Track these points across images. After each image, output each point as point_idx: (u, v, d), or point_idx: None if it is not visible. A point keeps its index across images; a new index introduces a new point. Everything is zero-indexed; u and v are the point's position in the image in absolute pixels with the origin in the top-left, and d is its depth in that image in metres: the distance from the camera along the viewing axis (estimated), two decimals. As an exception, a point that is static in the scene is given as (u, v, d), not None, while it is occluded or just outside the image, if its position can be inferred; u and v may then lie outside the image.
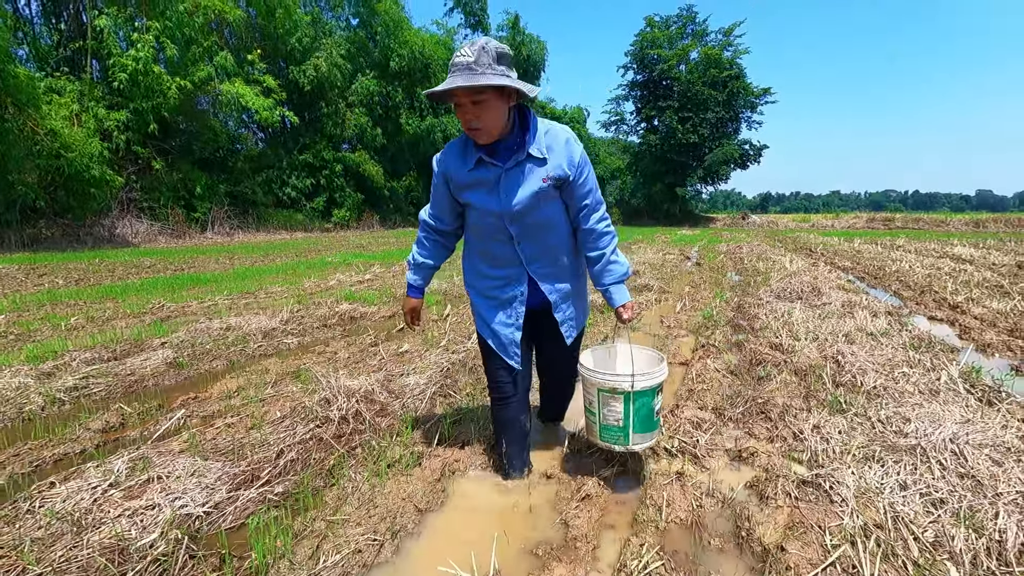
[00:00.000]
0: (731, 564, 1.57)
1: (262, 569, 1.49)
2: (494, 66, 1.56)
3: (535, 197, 1.73)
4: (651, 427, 1.89)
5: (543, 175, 1.72)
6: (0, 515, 1.72)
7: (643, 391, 1.81)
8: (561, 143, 1.73)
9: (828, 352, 3.53)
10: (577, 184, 1.77)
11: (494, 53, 1.56)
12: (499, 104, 1.61)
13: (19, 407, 2.71)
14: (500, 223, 1.79)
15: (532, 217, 1.78)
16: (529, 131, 1.71)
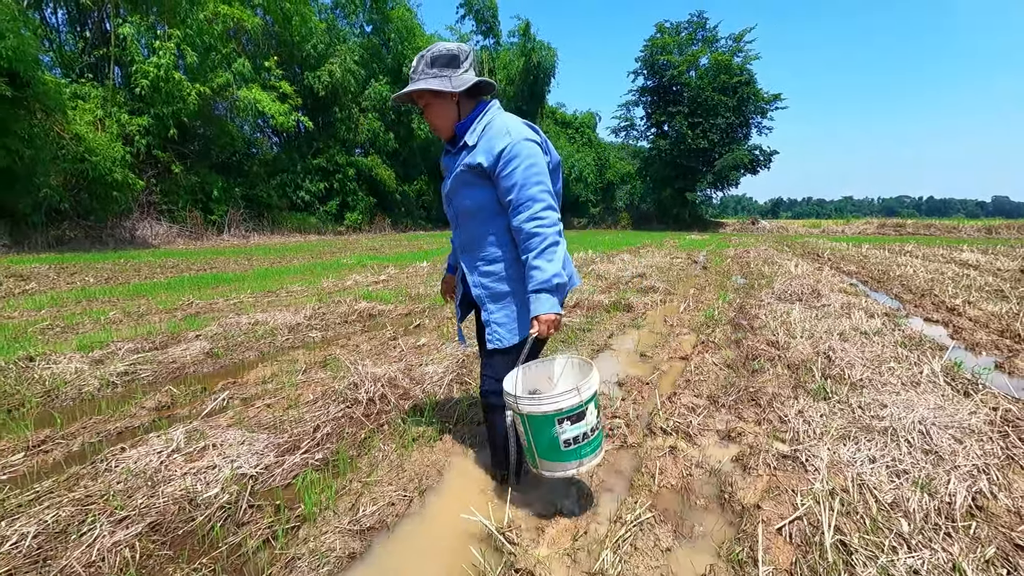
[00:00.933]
0: (713, 518, 1.81)
1: (311, 516, 1.75)
2: (426, 71, 1.70)
3: (456, 181, 1.79)
4: (560, 457, 1.64)
5: (466, 160, 1.75)
6: (83, 472, 2.00)
7: (535, 416, 1.61)
8: (492, 134, 1.71)
9: (820, 348, 3.75)
10: (500, 177, 1.69)
11: (429, 58, 1.70)
12: (439, 104, 1.74)
13: (79, 388, 3.01)
14: (445, 204, 1.94)
15: (458, 202, 1.82)
16: (469, 120, 1.77)
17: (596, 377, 1.69)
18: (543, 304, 1.65)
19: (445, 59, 1.70)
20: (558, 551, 1.60)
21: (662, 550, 1.61)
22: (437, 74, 1.70)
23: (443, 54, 1.71)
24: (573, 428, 1.61)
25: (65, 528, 1.65)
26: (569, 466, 1.65)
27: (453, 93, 1.72)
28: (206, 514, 1.75)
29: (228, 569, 1.53)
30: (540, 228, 1.65)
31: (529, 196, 1.66)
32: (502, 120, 1.74)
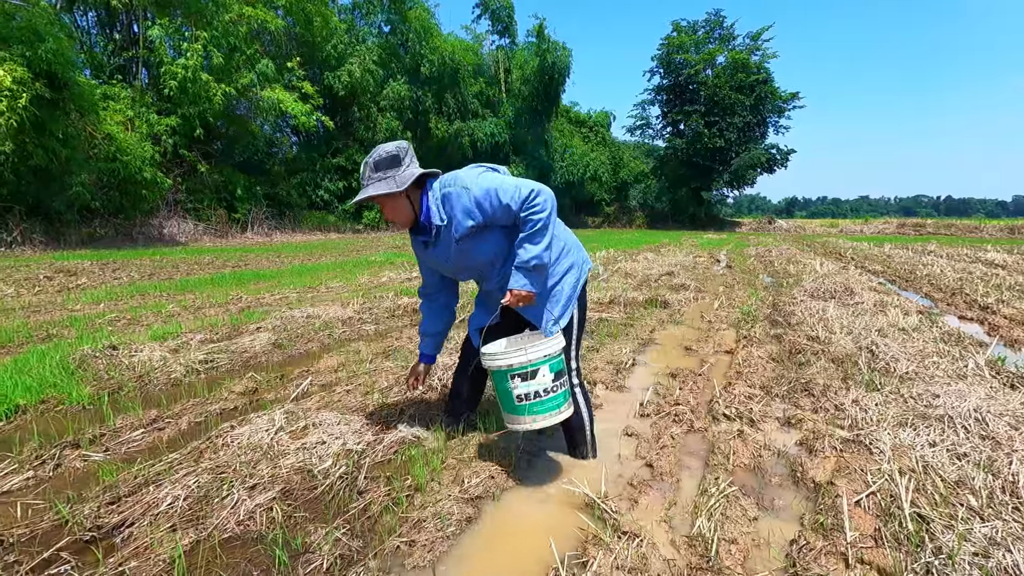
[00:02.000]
0: (789, 494, 1.96)
1: (422, 487, 1.93)
2: (372, 176, 1.87)
3: (458, 253, 1.97)
4: (514, 410, 1.90)
5: (454, 231, 1.92)
6: (204, 447, 2.19)
7: (492, 370, 1.90)
8: (455, 201, 1.89)
9: (863, 344, 3.87)
10: (494, 215, 1.88)
11: (372, 164, 1.87)
12: (392, 202, 1.92)
13: (168, 374, 3.22)
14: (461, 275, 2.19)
15: (472, 266, 2.03)
16: (426, 207, 1.96)
17: (550, 344, 1.88)
18: (517, 280, 1.87)
19: (387, 161, 1.86)
20: (655, 518, 1.76)
21: (749, 519, 1.76)
22: (382, 177, 1.86)
23: (384, 157, 1.87)
24: (524, 385, 1.85)
25: (207, 493, 1.84)
26: (523, 420, 1.89)
27: (400, 192, 1.87)
28: (327, 483, 1.93)
29: (362, 528, 1.71)
30: (532, 215, 1.84)
31: (522, 197, 1.83)
32: (452, 188, 1.91)
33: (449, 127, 29.73)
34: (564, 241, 2.07)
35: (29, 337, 4.09)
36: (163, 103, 17.96)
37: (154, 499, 1.80)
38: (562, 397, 1.93)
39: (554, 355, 1.89)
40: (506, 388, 1.88)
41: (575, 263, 2.07)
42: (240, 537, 1.65)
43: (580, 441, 2.18)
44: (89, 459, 2.16)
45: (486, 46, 34.49)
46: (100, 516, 1.73)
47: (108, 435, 2.36)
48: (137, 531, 1.66)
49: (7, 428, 2.47)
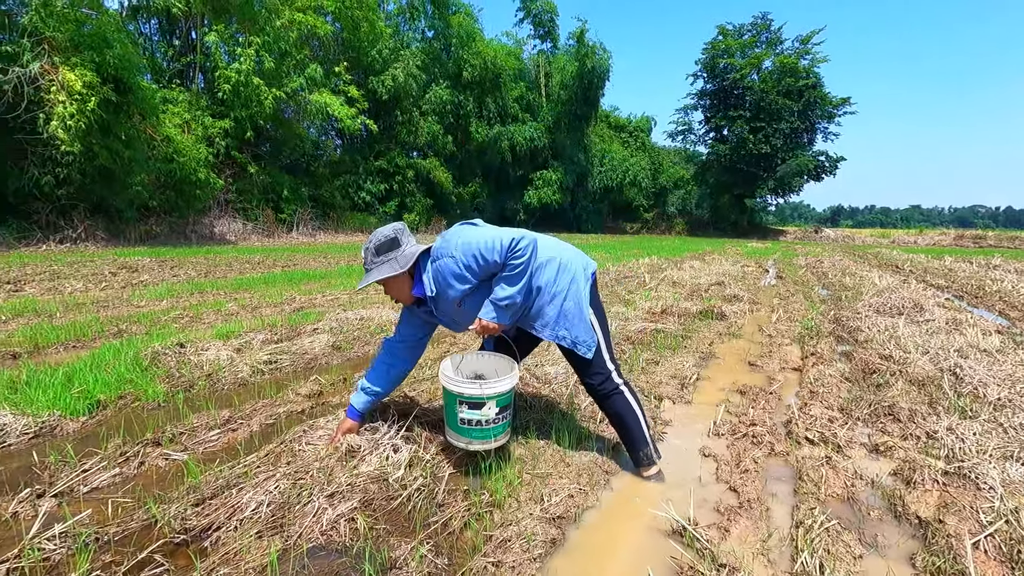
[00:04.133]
0: (892, 529, 1.83)
1: (500, 503, 1.88)
2: (374, 260, 1.98)
3: (458, 315, 2.07)
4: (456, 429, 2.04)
5: (450, 299, 2.01)
6: (280, 451, 2.20)
7: (445, 389, 2.02)
8: (439, 278, 1.99)
9: (943, 365, 3.64)
10: (480, 274, 1.95)
11: (373, 249, 1.97)
12: (394, 283, 2.04)
13: (235, 374, 3.28)
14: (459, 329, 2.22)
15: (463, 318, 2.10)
16: (419, 285, 2.05)
17: (504, 383, 1.99)
18: (488, 312, 1.96)
19: (387, 245, 1.97)
20: (751, 550, 1.66)
21: (854, 556, 1.64)
22: (385, 260, 1.97)
23: (383, 241, 1.98)
24: (470, 412, 1.98)
25: (287, 499, 1.83)
26: (460, 439, 2.04)
27: (403, 272, 1.99)
28: (405, 494, 1.90)
29: (446, 544, 1.67)
30: (512, 260, 1.90)
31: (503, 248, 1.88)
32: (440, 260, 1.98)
33: (489, 131, 29.91)
34: (558, 259, 2.10)
35: (101, 332, 4.25)
36: (217, 106, 18.63)
37: (237, 503, 1.80)
38: (501, 428, 2.05)
39: (504, 393, 2.00)
40: (453, 409, 2.01)
41: (574, 276, 2.10)
42: (325, 547, 1.64)
43: (638, 439, 2.13)
44: (170, 458, 2.20)
45: (527, 51, 34.61)
46: (187, 518, 1.74)
47: (186, 434, 2.40)
48: (224, 536, 1.67)
49: (90, 423, 2.55)
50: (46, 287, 6.50)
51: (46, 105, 12.14)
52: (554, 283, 2.06)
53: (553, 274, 2.06)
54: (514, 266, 1.91)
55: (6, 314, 4.77)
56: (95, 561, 1.53)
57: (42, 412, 2.50)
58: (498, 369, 2.22)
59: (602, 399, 2.16)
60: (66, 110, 11.96)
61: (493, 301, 1.94)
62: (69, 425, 2.49)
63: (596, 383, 2.13)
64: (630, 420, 2.13)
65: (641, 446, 2.13)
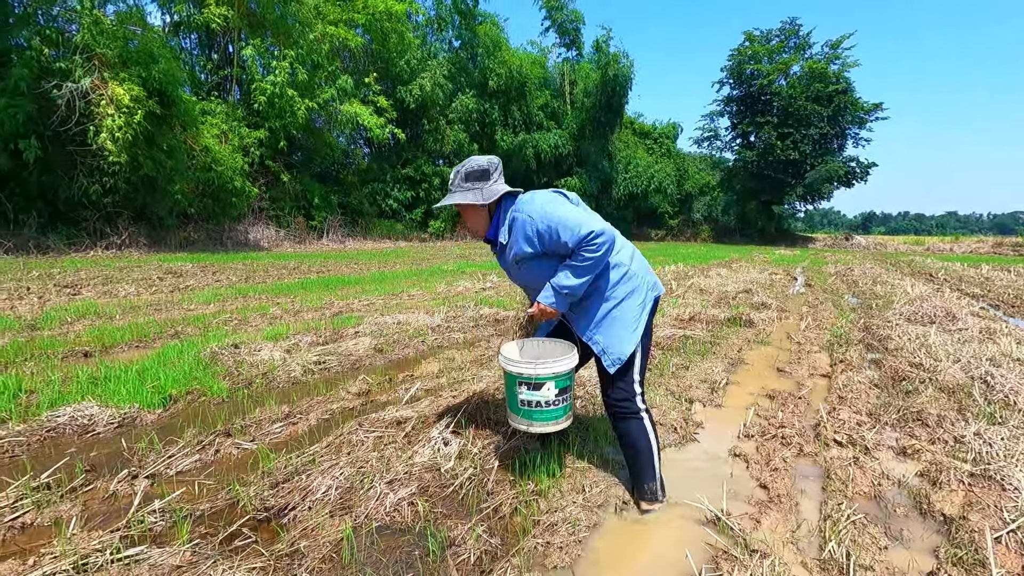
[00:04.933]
0: (917, 525, 1.93)
1: (544, 492, 2.04)
2: (461, 184, 1.97)
3: (518, 268, 2.06)
4: (516, 411, 2.03)
5: (512, 253, 2.02)
6: (340, 441, 2.40)
7: (505, 372, 2.02)
8: (518, 227, 1.97)
9: (974, 373, 3.67)
10: (550, 245, 1.92)
11: (464, 173, 1.97)
12: (472, 212, 2.04)
13: (288, 373, 3.51)
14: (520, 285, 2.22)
15: (529, 282, 2.09)
16: (495, 223, 2.06)
17: (562, 363, 1.97)
18: (547, 296, 1.94)
19: (477, 174, 1.96)
20: (781, 539, 1.79)
21: (880, 547, 1.76)
22: (471, 187, 1.96)
23: (475, 169, 1.97)
24: (529, 393, 1.97)
25: (352, 485, 2.03)
26: (522, 421, 2.02)
27: (484, 205, 2.00)
28: (457, 482, 2.08)
29: (498, 526, 1.84)
30: (586, 252, 1.85)
31: (580, 237, 1.84)
32: (524, 209, 1.96)
33: (514, 139, 30.21)
34: (627, 267, 2.05)
35: (160, 333, 4.55)
36: (252, 117, 19.30)
37: (308, 486, 2.00)
38: (562, 411, 2.02)
39: (562, 374, 1.98)
40: (513, 391, 2.01)
41: (637, 288, 2.04)
42: (389, 527, 1.82)
43: (647, 471, 2.02)
44: (241, 447, 2.42)
45: (552, 59, 34.86)
46: (265, 499, 1.94)
47: (252, 426, 2.63)
48: (300, 514, 1.86)
49: (165, 415, 2.80)
50: (101, 291, 6.90)
51: (96, 118, 12.81)
52: (613, 287, 2.01)
53: (616, 279, 2.01)
54: (584, 258, 1.86)
55: (71, 316, 5.12)
56: (192, 532, 1.73)
57: (123, 405, 2.75)
58: (557, 353, 2.17)
59: (619, 418, 2.06)
60: (114, 122, 12.59)
61: (554, 286, 1.91)
62: (147, 417, 2.74)
63: (617, 399, 2.04)
64: (643, 449, 2.02)
65: (648, 479, 2.02)
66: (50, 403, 2.73)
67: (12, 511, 1.82)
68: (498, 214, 2.05)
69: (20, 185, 12.96)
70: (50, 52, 12.83)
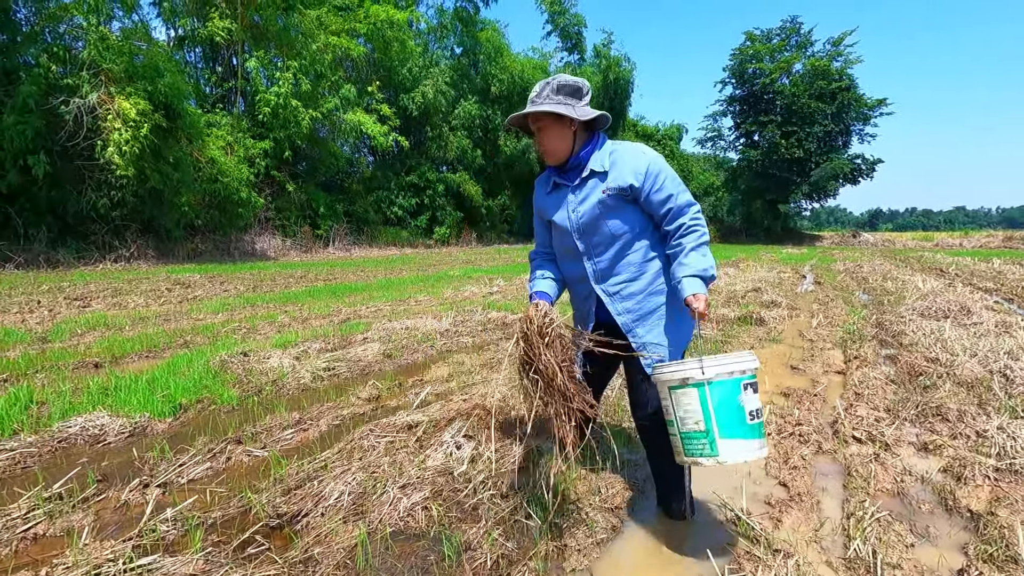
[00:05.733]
0: (943, 521, 1.88)
1: (559, 494, 2.00)
2: (552, 96, 1.71)
3: (596, 209, 1.76)
4: (745, 432, 1.47)
5: (603, 188, 1.76)
6: (351, 447, 2.38)
7: (721, 380, 1.46)
8: (628, 158, 1.76)
9: (993, 367, 3.61)
10: (652, 192, 1.73)
11: (556, 85, 1.72)
12: (558, 129, 1.75)
13: (298, 380, 3.50)
14: (570, 239, 1.84)
15: (599, 231, 1.79)
16: (591, 149, 1.79)
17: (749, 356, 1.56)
18: (698, 284, 1.66)
19: (570, 89, 1.74)
20: (803, 538, 1.74)
21: (906, 545, 1.71)
22: (562, 101, 1.72)
23: (569, 84, 1.74)
24: (755, 398, 1.50)
25: (365, 490, 2.00)
26: (753, 444, 1.48)
27: (574, 120, 1.75)
28: (471, 486, 2.05)
29: (515, 530, 1.80)
30: (697, 225, 1.73)
31: (686, 201, 1.75)
32: (629, 145, 1.82)
33: (517, 144, 30.28)
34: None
35: (170, 343, 4.55)
36: (257, 128, 19.44)
37: (321, 492, 1.98)
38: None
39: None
40: (737, 404, 1.47)
41: None
42: (403, 532, 1.79)
43: (675, 488, 1.86)
44: (252, 454, 2.40)
45: (553, 63, 34.95)
46: (278, 505, 1.92)
47: (263, 433, 2.61)
48: (313, 520, 1.84)
49: (175, 424, 2.79)
50: (110, 303, 6.94)
51: (103, 132, 12.93)
52: (657, 277, 1.82)
53: (661, 267, 1.83)
54: (699, 232, 1.72)
55: (81, 328, 5.14)
56: (205, 540, 1.71)
57: (134, 414, 2.74)
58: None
59: (649, 431, 1.84)
60: (121, 136, 12.70)
61: (700, 275, 1.66)
62: (157, 426, 2.73)
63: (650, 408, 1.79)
64: (673, 467, 1.78)
65: (677, 497, 1.87)
66: (61, 414, 2.72)
67: (24, 522, 1.81)
68: (594, 142, 1.81)
69: (30, 200, 13.09)
70: (57, 69, 12.99)
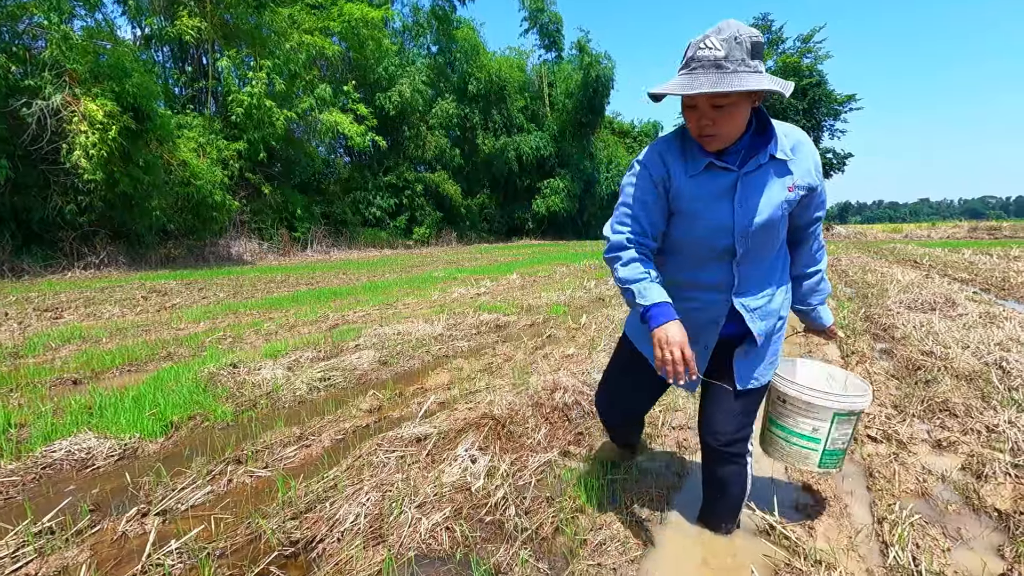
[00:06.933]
0: (972, 522, 1.87)
1: (584, 508, 1.93)
2: (747, 62, 1.27)
3: (779, 209, 1.45)
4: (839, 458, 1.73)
5: (789, 183, 1.45)
6: (360, 464, 2.27)
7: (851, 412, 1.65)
8: (805, 146, 1.48)
9: (987, 359, 3.66)
10: (815, 196, 1.53)
11: (748, 45, 1.27)
12: (744, 107, 1.35)
13: (293, 392, 3.36)
14: (727, 239, 1.46)
15: (768, 234, 1.48)
16: (769, 130, 1.45)
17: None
18: (830, 315, 1.75)
19: (762, 48, 1.30)
20: (840, 547, 1.70)
21: (943, 549, 1.69)
22: (758, 67, 1.30)
23: (760, 41, 1.30)
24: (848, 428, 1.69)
25: (380, 511, 1.90)
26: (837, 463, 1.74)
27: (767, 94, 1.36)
28: (492, 501, 1.96)
29: (543, 549, 1.73)
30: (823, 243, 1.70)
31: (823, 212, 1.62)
32: (788, 126, 1.51)
33: (496, 142, 30.19)
34: None
35: (152, 356, 4.36)
36: (230, 129, 18.96)
37: (334, 515, 1.87)
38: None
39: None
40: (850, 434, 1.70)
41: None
42: (427, 555, 1.70)
43: (730, 512, 1.77)
44: (255, 475, 2.27)
45: (531, 61, 34.94)
46: (290, 532, 1.81)
47: (264, 451, 2.48)
48: (329, 547, 1.74)
49: (167, 445, 2.64)
50: (83, 313, 6.65)
51: (68, 135, 12.43)
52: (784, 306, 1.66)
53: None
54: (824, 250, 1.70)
55: (56, 341, 4.89)
56: (216, 573, 1.60)
57: (122, 435, 2.59)
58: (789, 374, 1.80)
59: (724, 462, 1.66)
60: (88, 139, 12.22)
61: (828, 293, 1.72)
62: (149, 447, 2.58)
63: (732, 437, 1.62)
64: (734, 495, 1.71)
65: (729, 519, 1.78)
66: (44, 436, 2.55)
67: (13, 560, 1.67)
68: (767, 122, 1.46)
69: (-9, 207, 12.54)
70: (17, 69, 12.43)
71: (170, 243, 17.00)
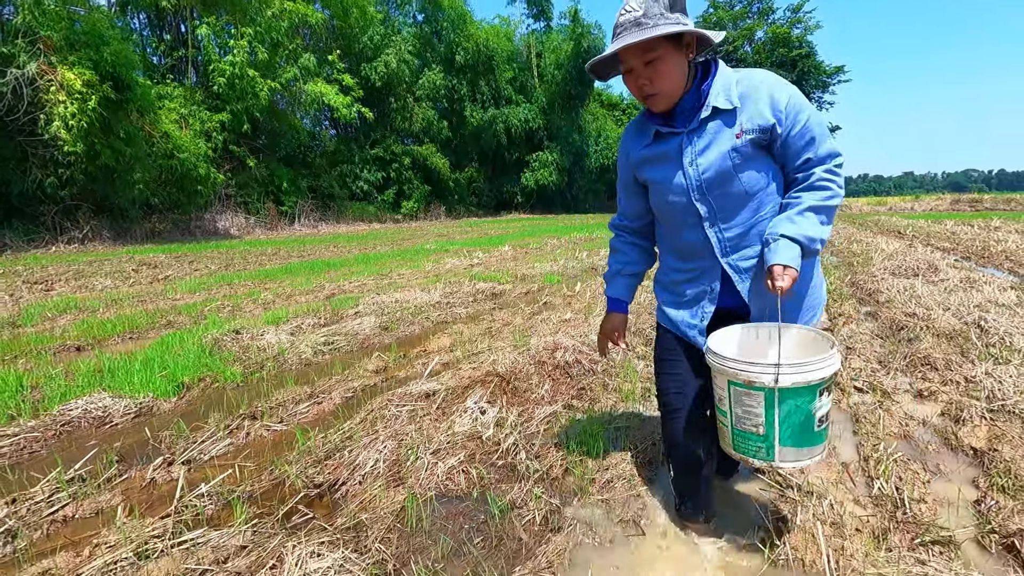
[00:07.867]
0: (950, 458, 2.01)
1: (590, 452, 2.05)
2: (666, 14, 1.29)
3: (727, 159, 1.37)
4: (810, 440, 1.30)
5: (736, 130, 1.37)
6: (373, 417, 2.36)
7: (795, 388, 1.23)
8: (759, 87, 1.37)
9: (967, 319, 3.82)
10: (790, 136, 1.36)
11: (665, 1, 1.30)
12: (675, 59, 1.33)
13: (299, 355, 3.43)
14: (687, 201, 1.44)
15: (727, 188, 1.40)
16: (710, 80, 1.40)
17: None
18: (789, 254, 1.30)
19: (683, 2, 1.35)
20: (829, 479, 1.84)
21: (923, 481, 1.82)
22: (680, 19, 1.31)
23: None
24: (828, 400, 1.31)
25: (397, 457, 2.00)
26: (816, 450, 1.33)
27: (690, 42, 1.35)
28: (504, 447, 2.07)
29: (554, 488, 1.84)
30: (830, 182, 1.37)
31: (828, 151, 1.38)
32: (759, 72, 1.42)
33: (484, 114, 29.81)
34: None
35: (153, 324, 4.39)
36: (212, 100, 18.50)
37: (354, 461, 1.97)
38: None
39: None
40: (808, 410, 1.27)
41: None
42: (446, 495, 1.80)
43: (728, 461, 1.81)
44: (271, 428, 2.36)
45: (519, 31, 34.28)
46: (312, 476, 1.90)
47: (278, 408, 2.56)
48: (352, 488, 1.83)
49: (181, 403, 2.71)
50: (75, 285, 6.61)
51: (46, 106, 12.08)
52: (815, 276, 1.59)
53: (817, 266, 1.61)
54: (831, 192, 1.37)
55: (52, 311, 4.89)
56: (247, 513, 1.69)
57: (136, 394, 2.65)
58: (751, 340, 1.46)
59: None
60: (67, 110, 11.90)
61: (799, 239, 1.31)
62: (163, 405, 2.64)
63: None
64: None
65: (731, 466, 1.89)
66: (59, 397, 2.61)
67: (49, 505, 1.74)
68: (713, 74, 1.40)
69: (-33, 181, 12.24)
70: (-12, 37, 12.00)
71: (155, 217, 16.73)
